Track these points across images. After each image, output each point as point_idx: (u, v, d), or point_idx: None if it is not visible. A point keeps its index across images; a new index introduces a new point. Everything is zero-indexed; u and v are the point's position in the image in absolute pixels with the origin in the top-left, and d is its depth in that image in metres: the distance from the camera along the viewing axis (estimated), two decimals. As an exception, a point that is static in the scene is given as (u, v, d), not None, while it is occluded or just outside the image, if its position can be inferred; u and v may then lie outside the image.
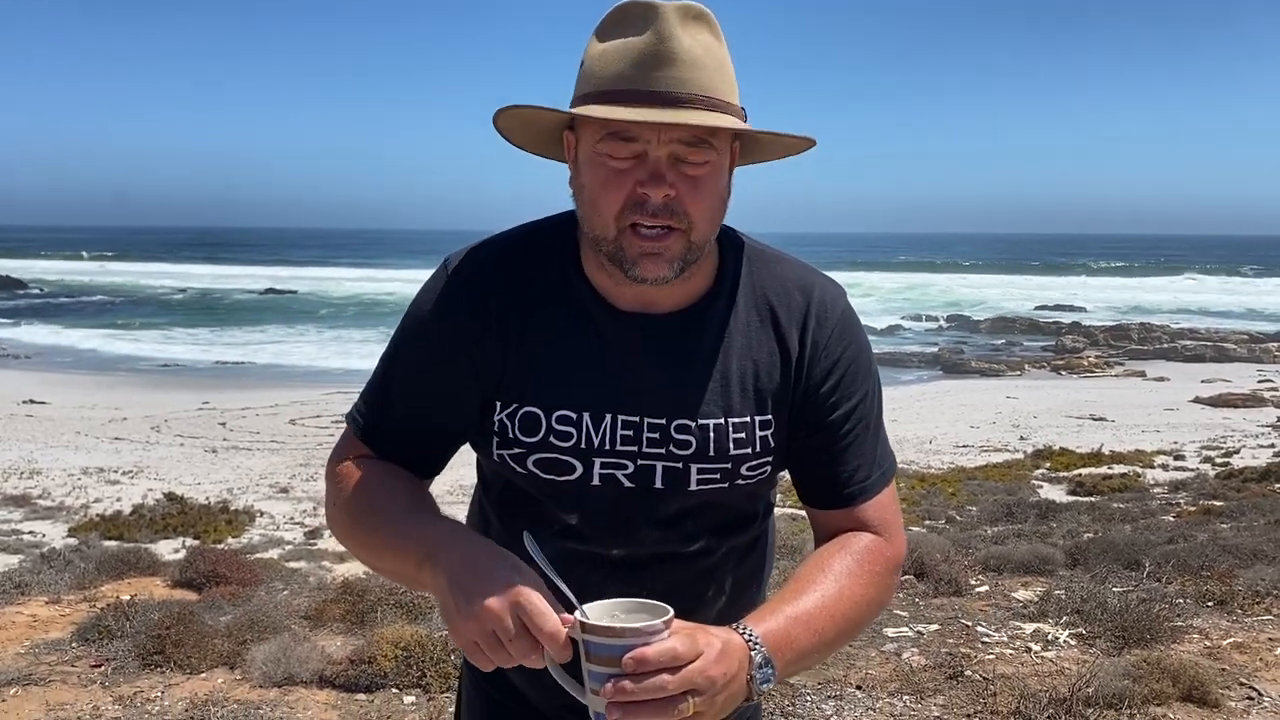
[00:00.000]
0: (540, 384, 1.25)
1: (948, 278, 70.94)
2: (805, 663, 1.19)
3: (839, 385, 1.29)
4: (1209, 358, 33.43)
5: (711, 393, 1.26)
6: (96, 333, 39.46)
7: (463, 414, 1.29)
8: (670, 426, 1.25)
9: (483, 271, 1.28)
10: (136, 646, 4.75)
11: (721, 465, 1.26)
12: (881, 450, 1.34)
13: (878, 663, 4.70)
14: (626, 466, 1.25)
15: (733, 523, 1.34)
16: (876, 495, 1.31)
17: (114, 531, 13.03)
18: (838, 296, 1.32)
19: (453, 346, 1.26)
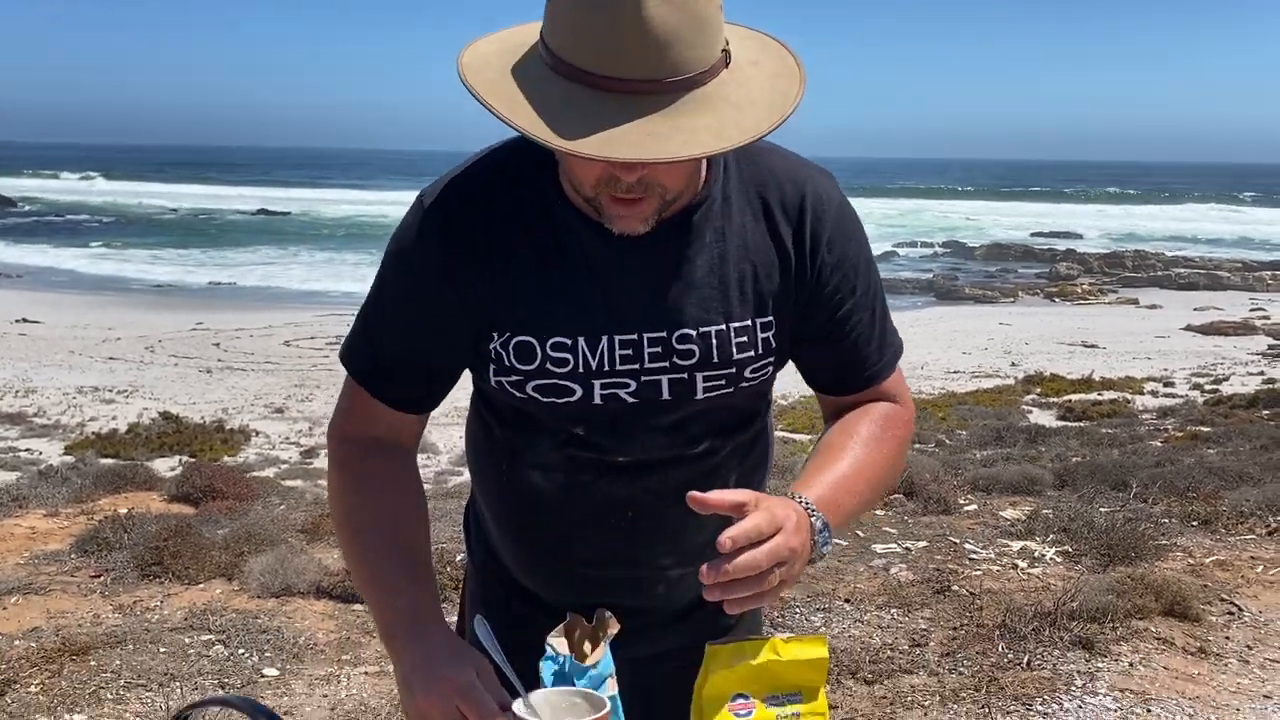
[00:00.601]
0: (532, 312, 1.23)
1: (944, 204, 70.52)
2: (846, 523, 1.25)
3: (843, 279, 1.28)
4: (1202, 286, 33.44)
5: (710, 300, 1.24)
6: (88, 252, 39.15)
7: (455, 348, 1.27)
8: (672, 338, 1.24)
9: (461, 205, 1.24)
10: (135, 558, 4.81)
11: (726, 371, 1.26)
12: (889, 331, 1.35)
13: (866, 577, 4.78)
14: (629, 385, 1.24)
15: (736, 422, 1.34)
16: (889, 375, 1.34)
17: (110, 449, 13.09)
18: (831, 188, 1.30)
19: (438, 282, 1.24)
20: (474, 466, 1.44)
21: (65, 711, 3.46)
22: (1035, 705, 3.43)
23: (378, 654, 3.97)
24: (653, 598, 1.38)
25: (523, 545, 1.39)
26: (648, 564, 1.29)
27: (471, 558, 1.52)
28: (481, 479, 1.42)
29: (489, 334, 1.25)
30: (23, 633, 4.08)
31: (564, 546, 1.35)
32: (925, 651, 3.88)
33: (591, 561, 1.34)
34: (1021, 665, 3.70)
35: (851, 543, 5.33)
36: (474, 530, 1.51)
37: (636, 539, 1.32)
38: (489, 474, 1.39)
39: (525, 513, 1.36)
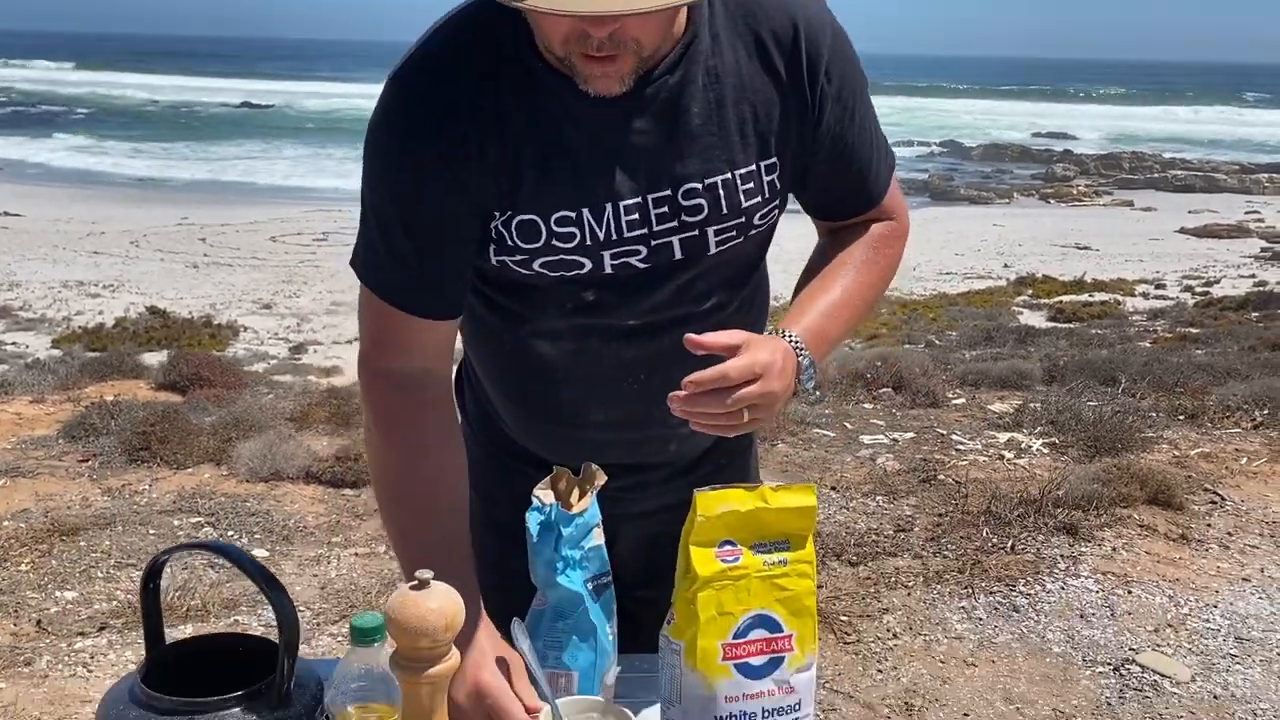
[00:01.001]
0: (530, 189, 1.16)
1: (941, 102, 69.42)
2: (834, 349, 1.29)
3: (843, 107, 1.24)
4: (1199, 188, 33.16)
5: (712, 149, 1.19)
6: (67, 144, 38.35)
7: (469, 238, 1.21)
8: (678, 195, 1.19)
9: (438, 83, 1.16)
10: (122, 443, 4.80)
11: (736, 221, 1.22)
12: (883, 148, 1.33)
13: (853, 467, 4.80)
14: (640, 251, 1.20)
15: (741, 273, 1.32)
16: (886, 191, 1.34)
17: (97, 343, 13.01)
18: (822, 11, 1.24)
19: (428, 173, 1.16)
20: (471, 338, 1.39)
21: (56, 589, 3.48)
22: (1018, 586, 3.48)
23: (367, 536, 3.99)
24: (664, 455, 1.37)
25: (529, 413, 1.37)
26: (660, 423, 1.25)
27: (465, 418, 1.48)
28: (481, 349, 1.38)
29: (489, 215, 1.19)
30: (11, 514, 4.08)
31: (574, 413, 1.32)
32: (910, 536, 3.92)
33: (604, 425, 1.32)
34: (1005, 549, 3.74)
35: (839, 434, 5.35)
36: (468, 392, 1.48)
37: (648, 400, 1.27)
38: (490, 344, 1.35)
39: (532, 382, 1.33)
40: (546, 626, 1.16)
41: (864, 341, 13.06)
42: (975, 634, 3.23)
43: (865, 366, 6.70)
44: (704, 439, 1.37)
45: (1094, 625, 3.28)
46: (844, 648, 3.12)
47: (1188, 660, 3.10)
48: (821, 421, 5.55)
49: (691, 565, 1.07)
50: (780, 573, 1.09)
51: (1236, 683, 2.99)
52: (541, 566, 1.15)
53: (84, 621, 3.25)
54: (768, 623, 1.09)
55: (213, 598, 3.36)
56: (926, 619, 3.31)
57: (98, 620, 3.26)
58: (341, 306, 16.41)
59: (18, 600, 3.37)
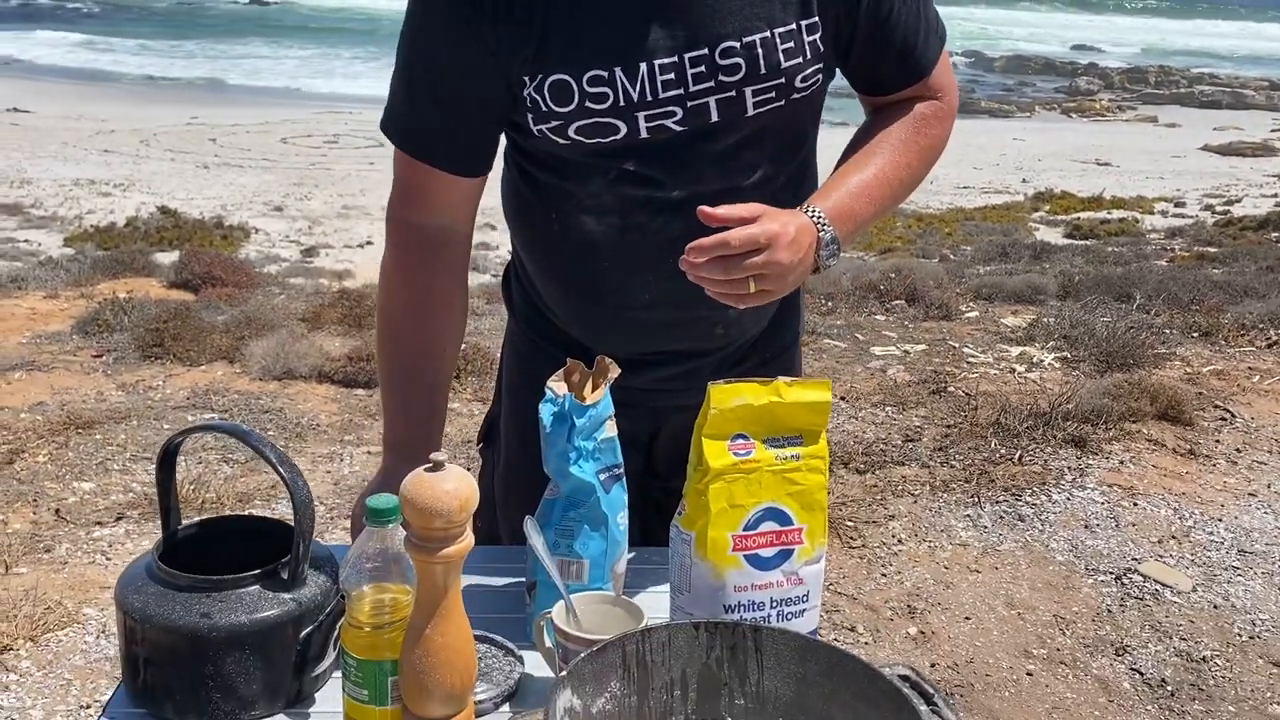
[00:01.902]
0: (562, 46, 1.15)
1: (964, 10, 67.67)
2: (863, 229, 1.27)
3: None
4: (1225, 105, 32.46)
5: (749, 6, 1.17)
6: (77, 40, 37.78)
7: (491, 97, 1.21)
8: (715, 54, 1.17)
9: None
10: (135, 339, 4.83)
11: (775, 81, 1.20)
12: (933, 18, 1.31)
13: (863, 378, 4.81)
14: (675, 113, 1.18)
15: (788, 146, 1.30)
16: (936, 64, 1.31)
17: (109, 243, 12.97)
18: None
19: (463, 26, 1.17)
20: (516, 223, 1.39)
21: (74, 479, 3.54)
22: (1024, 496, 3.50)
23: (378, 436, 4.01)
24: (710, 339, 1.36)
25: (577, 295, 1.35)
26: (706, 303, 1.25)
27: (512, 313, 1.48)
28: (527, 234, 1.37)
29: (520, 79, 1.18)
30: (28, 406, 4.13)
31: (622, 292, 1.31)
32: (918, 446, 3.94)
33: (651, 305, 1.31)
34: (1013, 460, 3.76)
35: (850, 345, 5.34)
36: (515, 286, 1.47)
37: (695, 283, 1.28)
38: (536, 226, 1.34)
39: (580, 261, 1.31)
40: (559, 515, 1.16)
41: (878, 254, 12.97)
42: (980, 541, 3.27)
43: (879, 278, 6.65)
44: (751, 325, 1.38)
45: (1098, 535, 3.31)
46: (849, 552, 3.16)
47: (1189, 571, 3.14)
48: (833, 332, 5.54)
49: (704, 457, 1.07)
50: (792, 467, 1.10)
51: (1237, 594, 3.02)
52: (554, 457, 1.16)
53: (101, 511, 3.31)
54: (778, 515, 1.10)
55: (227, 491, 3.41)
56: (931, 526, 3.34)
57: (114, 510, 3.32)
58: (353, 210, 16.32)
59: (36, 490, 3.43)
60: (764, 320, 1.41)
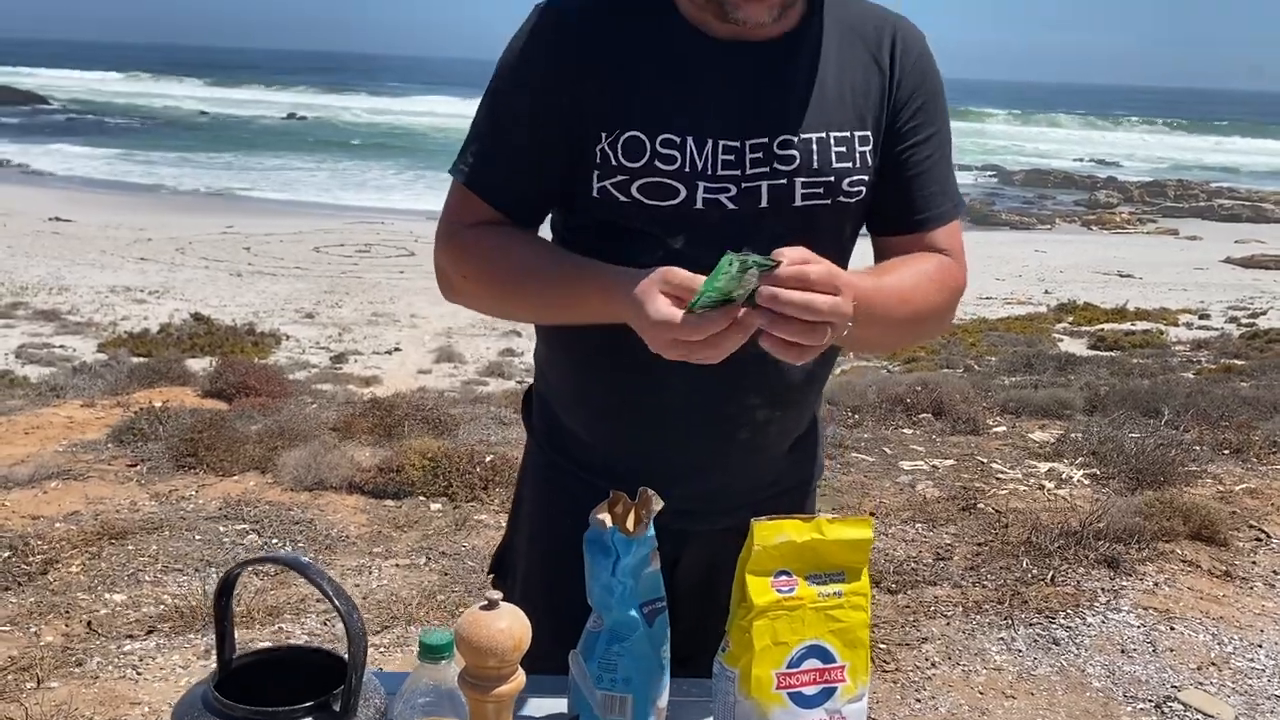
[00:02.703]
0: (642, 109, 1.26)
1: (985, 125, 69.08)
2: (872, 330, 1.25)
3: (923, 108, 1.34)
4: (1245, 218, 32.72)
5: (811, 109, 1.29)
6: (119, 153, 39.16)
7: (564, 148, 1.29)
8: (773, 144, 1.27)
9: (578, 9, 1.30)
10: (170, 449, 4.90)
11: (825, 179, 1.29)
12: (953, 183, 1.39)
13: (892, 493, 4.79)
14: (730, 190, 1.27)
15: (828, 250, 1.32)
16: (951, 222, 1.38)
17: (142, 349, 13.24)
18: (916, 30, 1.37)
19: (551, 89, 1.28)
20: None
21: (105, 590, 3.56)
22: (1058, 619, 3.45)
23: (408, 548, 4.04)
24: (736, 445, 1.38)
25: (608, 387, 1.38)
26: (736, 400, 1.31)
27: (532, 434, 1.51)
28: (566, 327, 1.40)
29: (597, 134, 1.27)
30: (63, 516, 4.17)
31: (653, 382, 1.34)
32: (949, 565, 3.91)
33: (681, 396, 1.34)
34: (1045, 581, 3.71)
35: (878, 459, 5.33)
36: (536, 406, 1.51)
37: (728, 369, 1.28)
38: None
39: (616, 348, 1.32)
40: (602, 649, 1.18)
41: (902, 365, 13.00)
42: (1014, 665, 3.21)
43: (905, 391, 6.68)
44: (777, 435, 1.41)
45: (1135, 661, 3.25)
46: (883, 676, 3.11)
47: (1231, 700, 3.06)
48: (861, 446, 5.54)
49: (747, 594, 1.09)
50: (835, 604, 1.11)
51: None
52: (598, 590, 1.18)
53: (132, 624, 3.32)
54: (821, 653, 1.11)
55: (257, 605, 3.42)
56: (965, 649, 3.29)
57: (145, 623, 3.32)
58: (382, 318, 16.59)
59: (69, 601, 3.45)
60: (789, 431, 1.44)
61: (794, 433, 1.45)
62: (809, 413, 1.48)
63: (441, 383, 12.16)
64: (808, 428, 1.49)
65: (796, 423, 1.44)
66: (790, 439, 1.45)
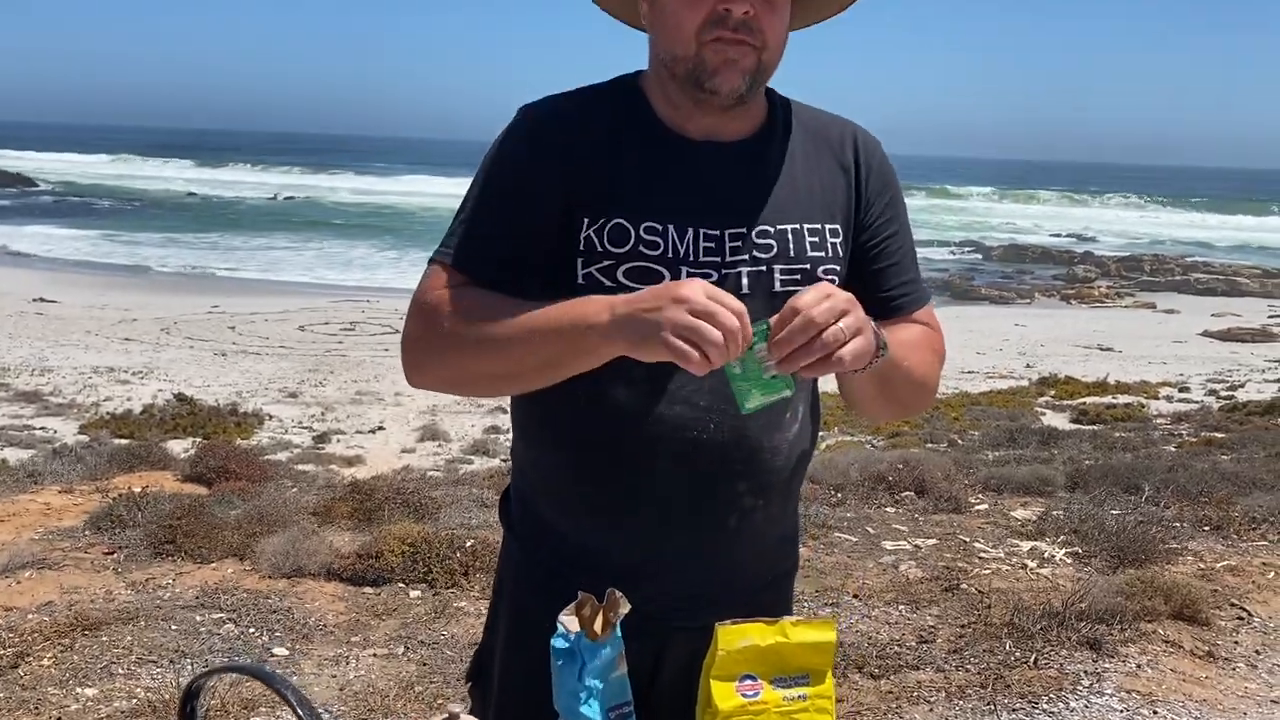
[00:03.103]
0: (625, 198, 1.32)
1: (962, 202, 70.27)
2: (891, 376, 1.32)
3: (889, 205, 1.44)
4: (1221, 292, 33.22)
5: (786, 202, 1.37)
6: (107, 234, 39.37)
7: (547, 237, 1.33)
8: (751, 234, 1.35)
9: (561, 109, 1.38)
10: (148, 535, 4.85)
11: (801, 266, 1.36)
12: (920, 273, 1.49)
13: (875, 574, 4.77)
14: (712, 275, 1.32)
15: None
16: (925, 305, 1.48)
17: (124, 430, 13.17)
18: (872, 136, 1.47)
19: (538, 169, 1.33)
20: (536, 409, 1.44)
21: (77, 685, 3.49)
22: (1041, 704, 3.43)
23: (387, 636, 3.99)
24: (725, 534, 1.39)
25: (595, 481, 1.39)
26: (724, 486, 1.34)
27: (511, 531, 1.51)
28: (548, 416, 1.42)
29: (580, 221, 1.32)
30: (36, 607, 4.12)
31: (643, 468, 1.36)
32: (932, 648, 3.88)
33: (668, 486, 1.35)
34: (1028, 664, 3.69)
35: (861, 539, 5.32)
36: (515, 502, 1.51)
37: (715, 456, 1.35)
38: (563, 407, 1.38)
39: (606, 435, 1.36)
40: (570, 754, 1.18)
41: (886, 440, 13.02)
42: (998, 753, 3.18)
43: (887, 469, 6.69)
44: (763, 525, 1.43)
45: (1120, 746, 3.22)
46: (864, 765, 3.07)
47: (1217, 785, 3.03)
48: (843, 525, 5.54)
49: (712, 700, 1.10)
50: (799, 708, 1.12)
51: (1267, 811, 2.92)
52: (565, 695, 1.18)
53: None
54: (787, 757, 1.12)
55: (232, 697, 3.36)
56: (949, 736, 3.26)
57: (117, 719, 3.26)
58: (366, 396, 16.57)
59: (39, 696, 3.39)
60: (775, 520, 1.45)
61: (780, 521, 1.47)
62: (793, 502, 1.50)
63: (425, 461, 12.10)
64: (791, 518, 1.52)
65: (782, 510, 1.47)
66: (777, 528, 1.47)
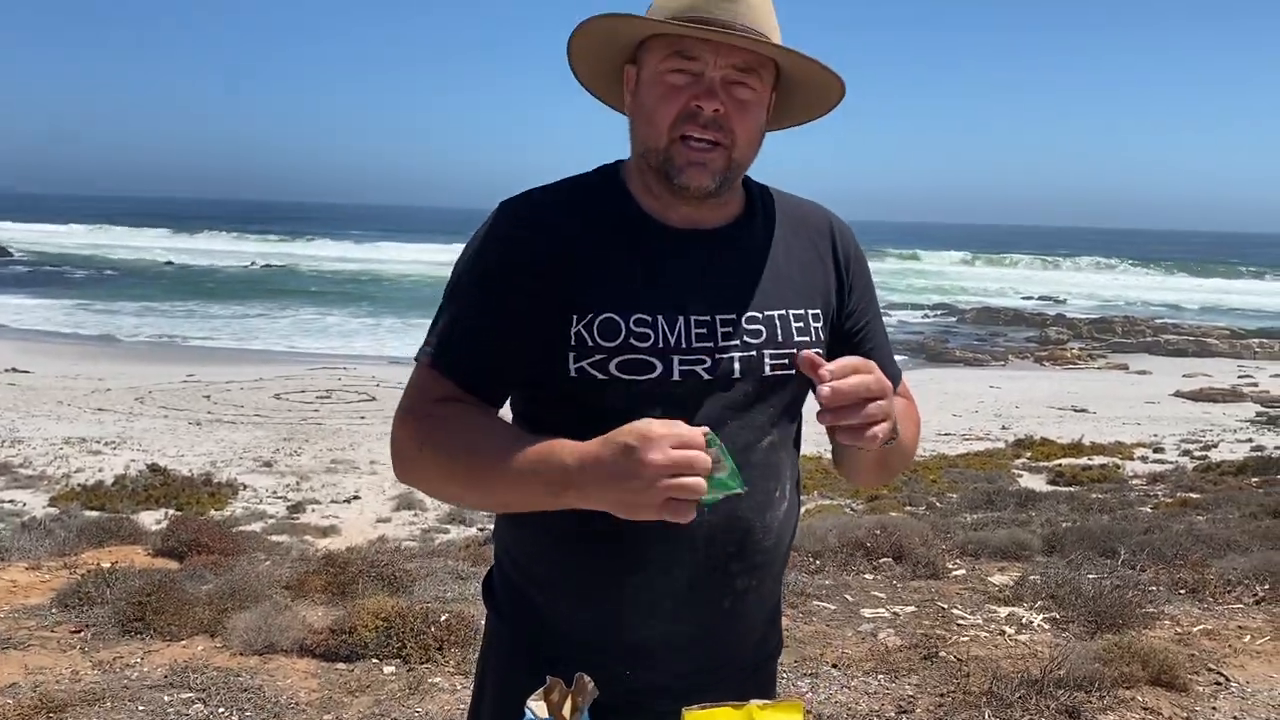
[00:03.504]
0: (614, 292, 1.33)
1: (933, 267, 71.19)
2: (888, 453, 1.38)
3: (866, 290, 1.50)
4: (1191, 352, 33.66)
5: (771, 289, 1.40)
6: (80, 304, 39.21)
7: (531, 331, 1.33)
8: (741, 320, 1.37)
9: (542, 204, 1.38)
10: (117, 613, 4.76)
11: (789, 351, 1.39)
12: (889, 350, 1.54)
13: (854, 642, 4.75)
14: (704, 361, 1.34)
15: (790, 424, 1.46)
16: (902, 382, 1.53)
17: (95, 501, 13.00)
18: (845, 223, 1.53)
19: (520, 273, 1.33)
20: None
21: (40, 770, 3.41)
22: (1022, 775, 3.39)
23: (360, 714, 3.92)
24: (720, 616, 1.39)
25: (589, 568, 1.38)
26: (718, 570, 1.34)
27: (497, 612, 1.49)
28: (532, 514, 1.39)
29: (569, 318, 1.31)
30: (0, 689, 4.02)
31: (635, 556, 1.35)
32: (911, 718, 3.85)
33: (662, 570, 1.35)
34: (1008, 734, 3.67)
35: (840, 607, 5.30)
36: (499, 584, 1.49)
37: (708, 540, 1.36)
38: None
39: (596, 524, 1.32)
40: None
41: (865, 504, 13.03)
42: (980, 826, 3.14)
43: (865, 535, 6.68)
44: (755, 607, 1.43)
45: (1101, 817, 3.19)
46: (845, 841, 3.02)
47: None
48: (822, 593, 5.51)
49: (682, 785, 1.10)
50: (769, 791, 1.12)
51: None
52: (535, 780, 1.17)
53: (66, 807, 3.17)
54: (757, 843, 1.11)
55: (199, 781, 3.28)
56: (929, 809, 3.22)
57: (80, 805, 3.18)
58: (341, 465, 16.44)
59: (0, 783, 3.30)
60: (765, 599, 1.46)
61: (769, 601, 1.48)
62: (779, 583, 1.51)
63: (401, 531, 11.99)
64: (777, 594, 1.53)
65: (771, 589, 1.47)
66: (767, 607, 1.48)
